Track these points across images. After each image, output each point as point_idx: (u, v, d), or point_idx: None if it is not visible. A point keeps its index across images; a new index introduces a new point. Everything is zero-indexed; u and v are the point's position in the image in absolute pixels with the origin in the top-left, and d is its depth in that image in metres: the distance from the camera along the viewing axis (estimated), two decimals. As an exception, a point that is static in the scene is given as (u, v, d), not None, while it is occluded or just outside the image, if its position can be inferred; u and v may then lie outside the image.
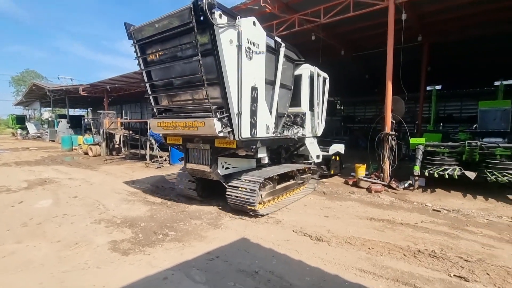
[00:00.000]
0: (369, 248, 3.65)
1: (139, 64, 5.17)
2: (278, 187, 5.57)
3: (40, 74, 54.06)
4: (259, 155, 5.17)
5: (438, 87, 11.79)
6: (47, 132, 25.46)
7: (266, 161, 5.48)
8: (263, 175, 4.92)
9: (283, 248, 3.60)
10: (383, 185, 6.96)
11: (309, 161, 7.01)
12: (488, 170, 6.08)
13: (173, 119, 4.90)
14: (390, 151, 7.18)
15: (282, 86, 5.74)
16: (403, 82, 8.52)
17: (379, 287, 2.76)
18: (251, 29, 4.44)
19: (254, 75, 4.56)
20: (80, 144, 15.50)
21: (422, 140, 7.04)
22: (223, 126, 4.27)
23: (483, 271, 3.11)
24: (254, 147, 4.67)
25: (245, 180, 4.87)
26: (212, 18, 3.82)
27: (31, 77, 51.67)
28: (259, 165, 5.75)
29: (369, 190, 6.78)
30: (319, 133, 7.23)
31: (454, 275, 3.02)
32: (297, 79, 6.54)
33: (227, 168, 5.18)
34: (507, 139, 7.28)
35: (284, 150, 6.73)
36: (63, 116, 25.97)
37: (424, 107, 14.27)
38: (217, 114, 4.25)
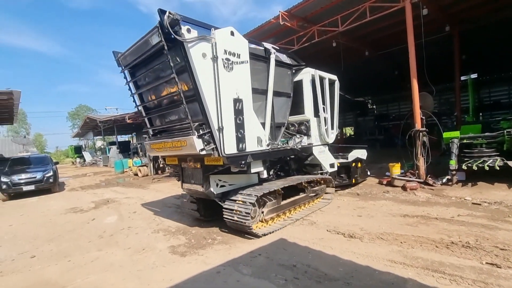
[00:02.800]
0: (401, 242, 3.86)
1: (129, 89, 5.28)
2: (284, 202, 5.20)
3: (91, 107, 60.91)
4: (253, 170, 4.79)
5: (473, 75, 11.18)
6: (100, 158, 28.57)
7: (264, 175, 5.10)
8: (257, 193, 4.55)
9: (317, 245, 3.98)
10: (419, 182, 6.92)
11: (323, 171, 6.57)
12: (533, 158, 5.78)
13: (163, 140, 4.75)
14: (422, 148, 7.12)
15: (279, 94, 5.57)
16: (434, 75, 8.40)
17: (408, 274, 3.02)
18: (229, 40, 4.28)
19: (237, 86, 4.35)
20: (130, 167, 17.31)
21: (456, 133, 6.90)
22: (205, 143, 4.08)
23: (519, 258, 3.16)
24: (243, 162, 4.38)
25: (238, 201, 4.58)
26: (179, 34, 3.75)
27: (83, 110, 58.45)
28: (263, 179, 5.41)
29: (404, 188, 6.79)
30: (330, 140, 6.70)
31: (487, 263, 3.13)
32: (299, 85, 6.24)
33: (222, 186, 4.93)
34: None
35: (293, 161, 6.45)
36: (113, 143, 29.04)
37: (464, 97, 13.50)
38: (200, 131, 4.08)
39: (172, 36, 3.76)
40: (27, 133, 55.56)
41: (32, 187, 11.07)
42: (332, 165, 6.72)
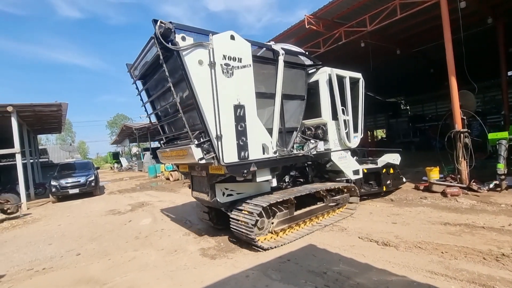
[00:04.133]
0: (442, 252, 3.58)
1: (141, 100, 5.43)
2: (298, 212, 4.88)
3: (127, 116, 65.12)
4: (259, 179, 4.52)
5: (523, 69, 10.14)
6: (135, 164, 30.30)
7: (273, 184, 4.84)
8: (263, 204, 4.31)
9: (349, 253, 3.83)
10: (461, 187, 6.38)
11: (346, 178, 6.01)
12: None
13: (170, 148, 4.78)
14: (465, 150, 6.58)
15: (291, 97, 5.31)
16: (476, 71, 7.77)
17: (451, 288, 2.79)
18: (228, 44, 4.13)
19: (238, 92, 4.17)
20: (162, 172, 18.13)
21: (504, 134, 6.28)
22: (204, 152, 3.99)
23: None
24: (245, 171, 4.16)
25: (244, 210, 4.40)
26: (174, 43, 3.73)
27: (120, 119, 62.68)
28: (277, 187, 5.25)
29: (444, 194, 6.31)
30: (352, 144, 6.06)
31: (546, 278, 2.79)
32: (315, 86, 5.86)
33: (229, 195, 4.76)
34: None
35: (312, 167, 6.15)
36: (146, 149, 30.62)
37: (512, 94, 12.30)
38: (200, 139, 4.05)
39: (167, 46, 3.75)
40: (73, 141, 60.93)
41: (76, 190, 12.07)
42: (356, 172, 6.14)
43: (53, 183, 11.88)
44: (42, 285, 3.88)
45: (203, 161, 3.99)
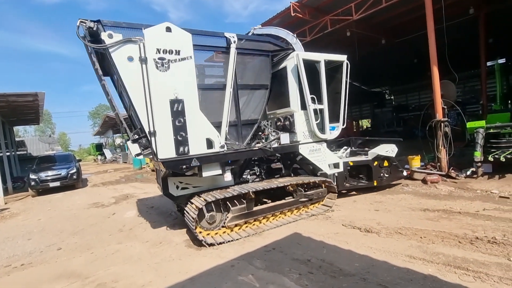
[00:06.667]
0: (420, 237, 3.72)
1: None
2: (258, 208, 4.69)
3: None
4: (206, 174, 4.43)
5: (501, 60, 10.47)
6: (120, 155, 29.58)
7: (227, 178, 4.65)
8: (209, 198, 4.24)
9: (332, 240, 3.92)
10: (441, 175, 6.63)
11: (322, 172, 5.58)
12: None
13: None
14: (444, 139, 6.80)
15: (249, 87, 5.07)
16: (457, 62, 7.93)
17: (428, 271, 2.90)
18: (163, 37, 3.96)
19: (175, 86, 4.02)
20: (147, 163, 17.79)
21: (481, 122, 6.52)
22: (142, 148, 4.04)
23: (552, 254, 2.96)
24: (184, 167, 4.10)
25: (190, 205, 4.41)
26: (100, 41, 3.74)
27: (102, 110, 60.54)
28: (243, 181, 5.18)
29: (424, 181, 6.54)
30: (328, 136, 5.46)
31: (515, 259, 2.95)
32: (284, 73, 5.41)
33: (184, 188, 4.73)
34: None
35: (285, 161, 5.70)
36: (131, 140, 29.90)
37: (490, 84, 12.71)
38: (140, 135, 4.06)
39: (89, 44, 3.82)
40: (52, 133, 58.48)
41: (57, 184, 11.66)
42: (335, 165, 5.70)
43: (32, 176, 11.42)
44: (20, 281, 3.75)
45: (141, 157, 4.13)
